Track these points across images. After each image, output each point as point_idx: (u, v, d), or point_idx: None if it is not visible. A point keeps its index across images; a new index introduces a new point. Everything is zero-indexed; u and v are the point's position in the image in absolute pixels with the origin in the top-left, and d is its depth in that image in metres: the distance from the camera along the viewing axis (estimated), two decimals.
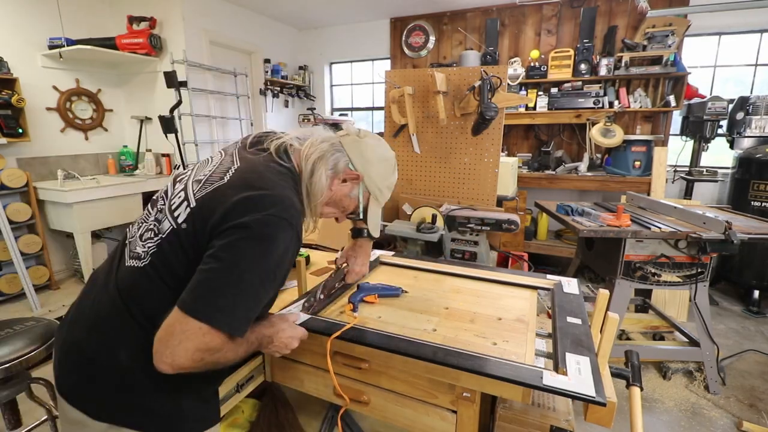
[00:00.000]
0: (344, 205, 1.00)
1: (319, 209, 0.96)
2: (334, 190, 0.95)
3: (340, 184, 0.95)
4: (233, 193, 0.77)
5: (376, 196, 1.00)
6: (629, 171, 3.49)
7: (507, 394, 0.84)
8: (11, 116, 2.98)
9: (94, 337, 0.80)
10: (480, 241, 1.94)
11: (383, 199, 1.03)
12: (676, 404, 1.98)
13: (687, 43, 3.52)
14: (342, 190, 0.96)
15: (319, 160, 0.90)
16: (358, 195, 0.99)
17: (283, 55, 4.86)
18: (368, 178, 0.97)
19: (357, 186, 0.98)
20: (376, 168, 0.97)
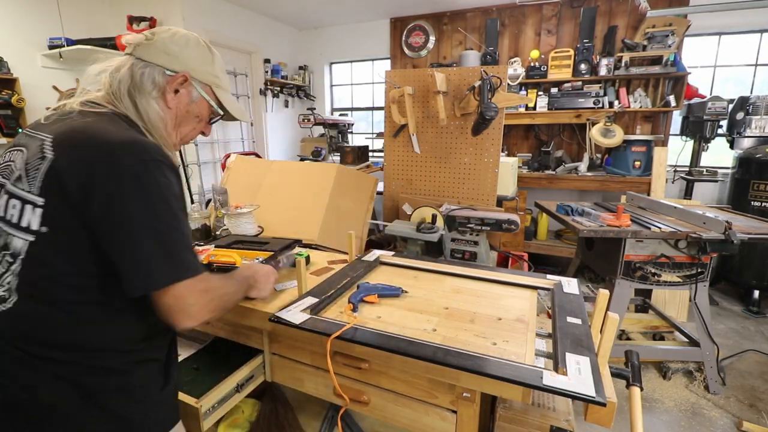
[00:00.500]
0: (196, 114, 0.89)
1: (174, 136, 0.87)
2: (174, 106, 0.84)
3: (174, 97, 0.84)
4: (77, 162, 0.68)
5: (216, 83, 0.90)
6: (629, 171, 3.49)
7: (507, 394, 0.84)
8: (11, 116, 2.98)
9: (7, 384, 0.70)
10: (480, 241, 1.94)
11: (226, 83, 0.93)
12: (676, 404, 1.98)
13: (687, 43, 3.52)
14: (181, 100, 0.85)
15: (132, 89, 0.79)
16: (200, 93, 0.88)
17: (283, 55, 4.86)
18: (193, 71, 0.85)
19: (191, 86, 0.86)
20: (191, 57, 0.85)
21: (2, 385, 0.71)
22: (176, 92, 0.84)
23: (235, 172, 2.22)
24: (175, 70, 0.83)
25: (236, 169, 2.23)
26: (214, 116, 0.94)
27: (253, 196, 2.06)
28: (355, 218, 2.17)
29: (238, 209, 1.70)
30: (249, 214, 1.73)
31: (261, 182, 2.12)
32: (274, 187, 2.09)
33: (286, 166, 2.22)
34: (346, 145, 3.74)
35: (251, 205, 1.77)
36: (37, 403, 0.70)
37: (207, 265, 1.22)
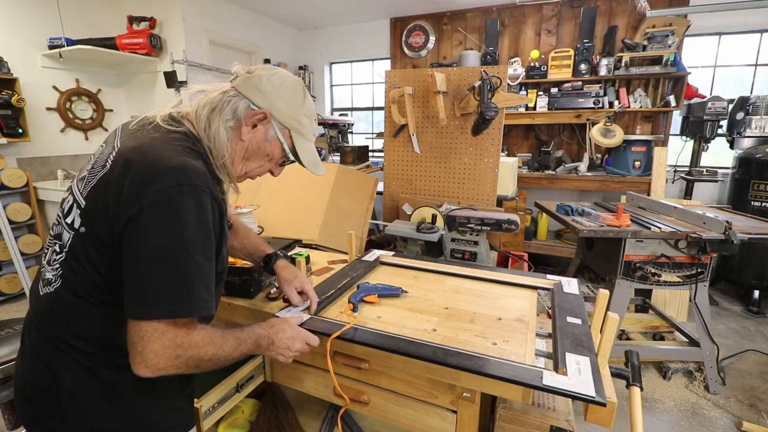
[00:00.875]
0: (267, 153, 0.88)
1: (238, 168, 0.87)
2: (247, 140, 0.84)
3: (250, 131, 0.84)
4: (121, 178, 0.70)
5: (296, 129, 0.88)
6: (629, 171, 3.49)
7: (507, 394, 0.84)
8: (11, 116, 2.98)
9: (37, 366, 0.77)
10: (480, 241, 1.94)
11: (308, 131, 0.91)
12: (676, 404, 1.98)
13: (687, 43, 3.52)
14: (256, 136, 0.85)
15: (212, 113, 0.80)
16: (276, 134, 0.87)
17: (283, 55, 4.86)
18: (277, 112, 0.85)
19: (269, 125, 0.85)
20: (280, 98, 0.85)
21: (32, 365, 0.78)
22: (254, 127, 0.84)
23: None
24: (260, 106, 0.83)
25: None
26: (286, 160, 0.92)
27: (253, 196, 2.06)
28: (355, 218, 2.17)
29: (238, 209, 1.70)
30: (249, 214, 1.73)
31: (261, 182, 2.12)
32: (274, 187, 2.09)
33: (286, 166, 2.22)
34: (346, 145, 3.74)
35: (251, 205, 1.77)
36: (60, 388, 0.74)
37: None
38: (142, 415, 0.78)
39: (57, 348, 0.75)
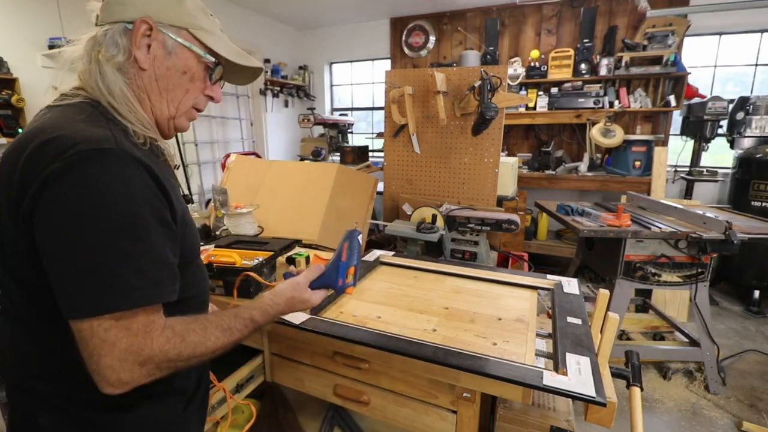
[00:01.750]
0: (181, 69, 0.69)
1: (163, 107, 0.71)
2: (149, 65, 0.66)
3: (146, 54, 0.66)
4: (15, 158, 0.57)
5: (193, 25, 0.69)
6: (629, 171, 3.49)
7: (507, 394, 0.84)
8: (11, 116, 2.98)
9: None
10: (480, 241, 1.94)
11: (209, 24, 0.72)
12: (676, 404, 1.98)
13: (687, 43, 3.52)
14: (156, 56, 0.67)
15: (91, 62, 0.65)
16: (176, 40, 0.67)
17: (283, 55, 4.86)
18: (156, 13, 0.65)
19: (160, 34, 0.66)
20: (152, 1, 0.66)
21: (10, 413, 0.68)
22: (148, 48, 0.66)
23: (235, 172, 2.22)
24: (134, 18, 0.64)
25: (236, 169, 2.23)
26: (211, 67, 0.73)
27: (253, 196, 2.06)
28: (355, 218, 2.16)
29: (238, 209, 1.70)
30: (249, 214, 1.73)
31: (261, 182, 2.12)
32: (274, 187, 2.09)
33: (286, 166, 2.22)
34: (346, 145, 3.74)
35: (251, 205, 1.77)
36: None
37: (207, 265, 1.17)
38: None
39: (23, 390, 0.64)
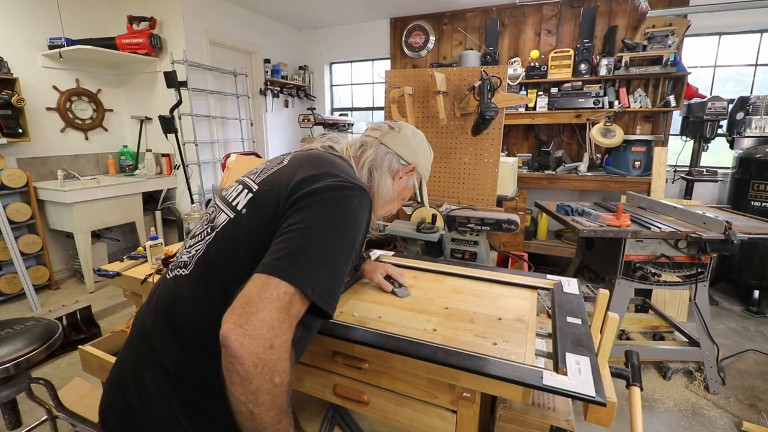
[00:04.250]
0: (404, 196, 1.07)
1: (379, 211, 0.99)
2: (394, 188, 1.00)
3: (398, 181, 1.01)
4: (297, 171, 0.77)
5: (425, 177, 1.09)
6: (629, 171, 3.49)
7: (507, 394, 0.84)
8: (11, 116, 2.98)
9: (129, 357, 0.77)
10: (480, 241, 1.94)
11: (428, 174, 1.10)
12: (676, 404, 1.98)
13: (687, 43, 3.52)
14: (400, 185, 1.02)
15: (374, 167, 0.95)
16: (414, 183, 1.06)
17: (283, 55, 4.86)
18: (420, 166, 1.03)
19: (411, 176, 1.04)
20: (421, 153, 1.03)
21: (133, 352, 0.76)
22: (401, 177, 1.01)
23: (235, 172, 2.21)
24: (409, 161, 1.00)
25: (236, 169, 2.23)
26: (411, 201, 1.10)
27: None
28: None
29: None
30: None
31: None
32: None
33: None
34: None
35: None
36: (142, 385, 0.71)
37: None
38: None
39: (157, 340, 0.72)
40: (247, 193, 0.79)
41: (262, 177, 0.81)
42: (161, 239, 1.64)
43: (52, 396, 1.42)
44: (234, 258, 0.72)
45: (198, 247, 0.78)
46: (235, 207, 0.78)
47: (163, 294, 0.78)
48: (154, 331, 0.74)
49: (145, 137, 3.89)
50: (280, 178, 0.77)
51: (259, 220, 0.73)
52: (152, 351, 0.72)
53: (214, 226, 0.78)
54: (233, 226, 0.75)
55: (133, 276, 1.51)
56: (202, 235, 0.80)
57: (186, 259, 0.78)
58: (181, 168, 3.63)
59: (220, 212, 0.80)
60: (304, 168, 0.78)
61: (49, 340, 1.33)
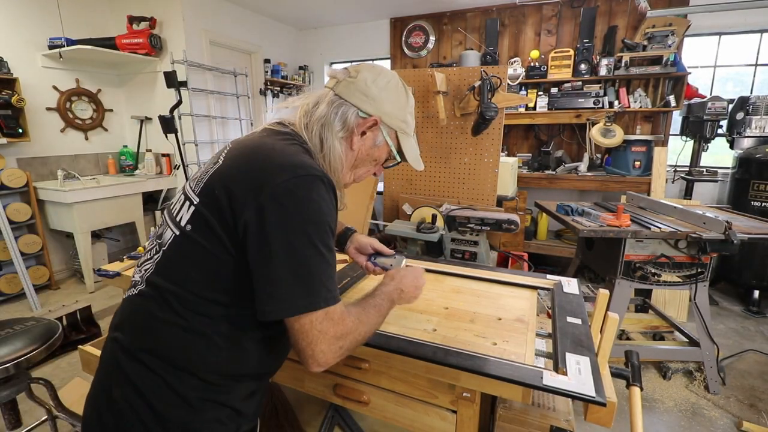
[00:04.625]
0: (375, 157, 0.87)
1: (347, 176, 0.86)
2: (356, 149, 0.83)
3: (360, 139, 0.83)
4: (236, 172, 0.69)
5: (402, 129, 0.87)
6: (629, 171, 3.49)
7: (507, 394, 0.84)
8: (11, 116, 2.98)
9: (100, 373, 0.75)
10: (480, 241, 1.94)
11: (411, 128, 0.90)
12: (676, 404, 1.98)
13: (687, 43, 3.52)
14: (365, 143, 0.84)
15: (323, 128, 0.78)
16: (384, 138, 0.85)
17: (283, 55, 4.86)
18: (385, 116, 0.83)
19: (379, 130, 0.84)
20: (386, 100, 0.82)
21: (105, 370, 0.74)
22: (362, 134, 0.83)
23: None
24: (369, 113, 0.81)
25: None
26: (391, 161, 0.91)
27: None
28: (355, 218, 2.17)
29: None
30: None
31: None
32: None
33: None
34: None
35: None
36: (113, 401, 0.70)
37: None
38: None
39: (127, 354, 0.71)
40: (189, 206, 0.72)
41: (200, 185, 0.73)
42: None
43: (52, 396, 1.42)
44: (184, 276, 0.69)
45: (147, 266, 0.74)
46: (179, 223, 0.72)
47: (121, 314, 0.77)
48: (117, 350, 0.73)
49: (145, 137, 3.89)
50: (218, 187, 0.69)
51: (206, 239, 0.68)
52: (119, 367, 0.71)
53: (162, 244, 0.74)
54: (179, 244, 0.71)
55: None
56: (151, 252, 0.76)
57: (137, 278, 0.75)
58: (181, 168, 3.62)
59: (166, 228, 0.75)
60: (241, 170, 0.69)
61: (49, 340, 1.33)
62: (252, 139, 0.77)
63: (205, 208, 0.69)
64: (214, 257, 0.68)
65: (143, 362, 0.70)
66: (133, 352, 0.71)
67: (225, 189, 0.67)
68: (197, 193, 0.72)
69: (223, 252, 0.67)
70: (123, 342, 0.72)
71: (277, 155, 0.70)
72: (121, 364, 0.71)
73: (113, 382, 0.71)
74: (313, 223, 0.66)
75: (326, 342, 0.67)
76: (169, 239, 0.73)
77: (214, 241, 0.68)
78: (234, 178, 0.68)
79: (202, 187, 0.72)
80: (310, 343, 0.66)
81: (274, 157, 0.69)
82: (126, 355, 0.71)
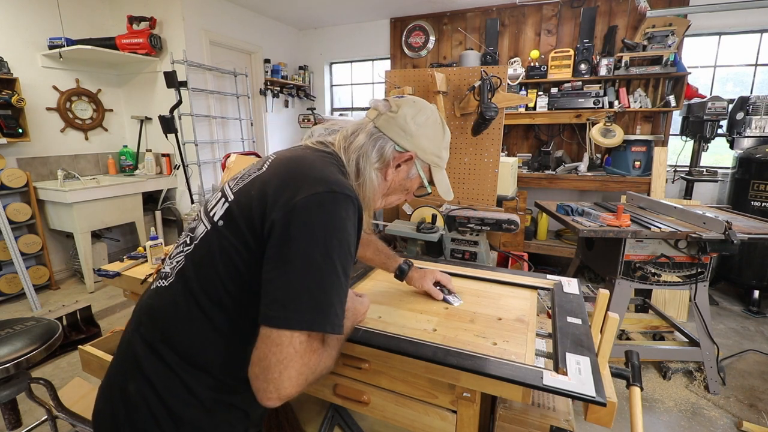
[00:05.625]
0: (407, 187, 0.91)
1: (378, 203, 0.89)
2: (390, 179, 0.86)
3: (394, 171, 0.86)
4: (272, 182, 0.70)
5: (436, 163, 0.90)
6: (629, 171, 3.49)
7: (507, 394, 0.84)
8: (11, 116, 2.98)
9: (116, 366, 0.76)
10: (480, 241, 1.94)
11: (444, 162, 0.92)
12: (676, 404, 1.98)
13: (687, 43, 3.52)
14: (399, 175, 0.87)
15: (361, 158, 0.81)
16: (418, 171, 0.88)
17: (283, 55, 4.86)
18: (422, 152, 0.86)
19: (413, 164, 0.87)
20: (425, 138, 0.85)
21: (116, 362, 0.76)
22: (398, 167, 0.86)
23: (234, 172, 2.21)
24: (405, 148, 0.84)
25: (236, 169, 2.23)
26: (422, 190, 0.94)
27: None
28: None
29: None
30: None
31: None
32: None
33: None
34: None
35: None
36: (127, 394, 0.70)
37: None
38: None
39: (140, 352, 0.71)
40: (224, 202, 0.74)
41: (239, 185, 0.75)
42: (161, 239, 1.64)
43: (52, 396, 1.42)
44: (212, 271, 0.69)
45: (179, 258, 0.75)
46: (212, 218, 0.74)
47: (146, 304, 0.77)
48: (137, 342, 0.73)
49: (145, 137, 3.89)
50: (256, 189, 0.71)
51: (233, 234, 0.69)
52: (136, 361, 0.72)
53: (194, 237, 0.75)
54: (210, 238, 0.72)
55: (133, 276, 1.51)
56: (183, 246, 0.77)
57: (168, 270, 0.76)
58: (181, 168, 3.63)
59: (200, 222, 0.77)
60: (279, 177, 0.71)
61: (49, 340, 1.33)
62: (295, 151, 0.81)
63: (238, 206, 0.71)
64: (238, 254, 0.68)
65: (162, 357, 0.70)
66: (153, 344, 0.71)
67: (261, 191, 0.70)
68: (234, 192, 0.75)
69: (247, 250, 0.68)
70: (144, 333, 0.73)
71: (316, 169, 0.72)
72: (138, 358, 0.71)
73: (128, 376, 0.72)
74: (337, 239, 0.65)
75: (296, 369, 0.60)
76: (201, 233, 0.74)
77: (240, 238, 0.68)
78: (271, 182, 0.70)
79: (242, 187, 0.75)
80: (281, 361, 0.60)
81: (312, 170, 0.72)
82: (145, 347, 0.71)
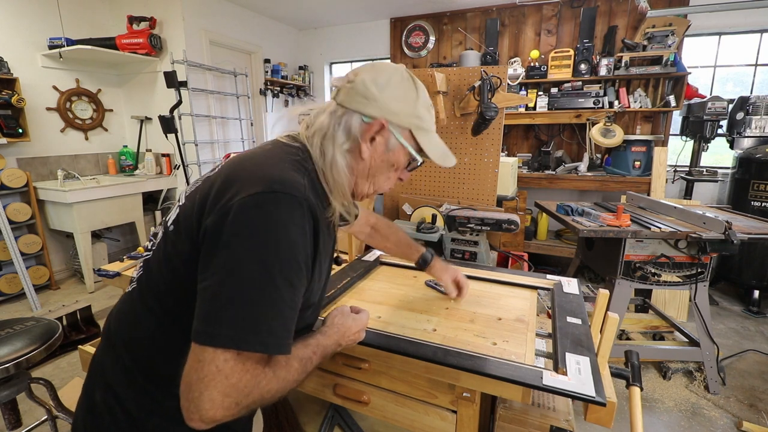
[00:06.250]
0: (392, 162, 0.77)
1: (365, 188, 0.79)
2: (367, 157, 0.74)
3: (369, 147, 0.74)
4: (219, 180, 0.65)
5: (417, 125, 0.76)
6: (629, 171, 3.49)
7: (507, 394, 0.84)
8: (11, 116, 2.98)
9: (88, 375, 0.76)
10: (480, 241, 1.94)
11: (429, 123, 0.79)
12: (676, 404, 1.98)
13: (687, 43, 3.52)
14: (376, 150, 0.75)
15: (324, 141, 0.72)
16: (398, 140, 0.75)
17: (283, 55, 4.86)
18: (393, 116, 0.73)
19: (388, 133, 0.74)
20: (392, 99, 0.73)
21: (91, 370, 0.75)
22: (372, 140, 0.74)
23: None
24: (373, 115, 0.72)
25: None
26: (413, 162, 0.80)
27: None
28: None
29: None
30: None
31: None
32: None
33: None
34: None
35: None
36: (94, 404, 0.70)
37: None
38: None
39: (107, 355, 0.71)
40: (176, 207, 0.72)
41: (192, 188, 0.72)
42: None
43: (52, 396, 1.42)
44: (161, 279, 0.67)
45: (141, 264, 0.74)
46: (166, 223, 0.71)
47: (115, 310, 0.76)
48: (104, 349, 0.73)
49: (145, 137, 3.89)
50: (201, 192, 0.66)
51: (177, 241, 0.66)
52: (102, 369, 0.71)
53: (154, 243, 0.74)
54: (162, 244, 0.70)
55: None
56: (147, 251, 0.76)
57: (134, 275, 0.75)
58: (181, 168, 3.62)
59: (160, 228, 0.75)
60: (223, 178, 0.64)
61: (49, 340, 1.33)
62: (253, 149, 0.75)
63: (183, 211, 0.68)
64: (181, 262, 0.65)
65: (125, 365, 0.69)
66: (118, 352, 0.71)
67: (204, 194, 0.64)
68: (186, 196, 0.72)
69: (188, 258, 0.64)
70: (111, 340, 0.73)
71: (263, 166, 0.64)
72: (104, 367, 0.71)
73: (95, 384, 0.72)
74: (275, 247, 0.58)
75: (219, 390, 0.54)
76: (159, 239, 0.73)
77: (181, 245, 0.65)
78: (215, 184, 0.64)
79: (192, 190, 0.71)
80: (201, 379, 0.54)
81: (258, 168, 0.64)
82: (112, 355, 0.71)
